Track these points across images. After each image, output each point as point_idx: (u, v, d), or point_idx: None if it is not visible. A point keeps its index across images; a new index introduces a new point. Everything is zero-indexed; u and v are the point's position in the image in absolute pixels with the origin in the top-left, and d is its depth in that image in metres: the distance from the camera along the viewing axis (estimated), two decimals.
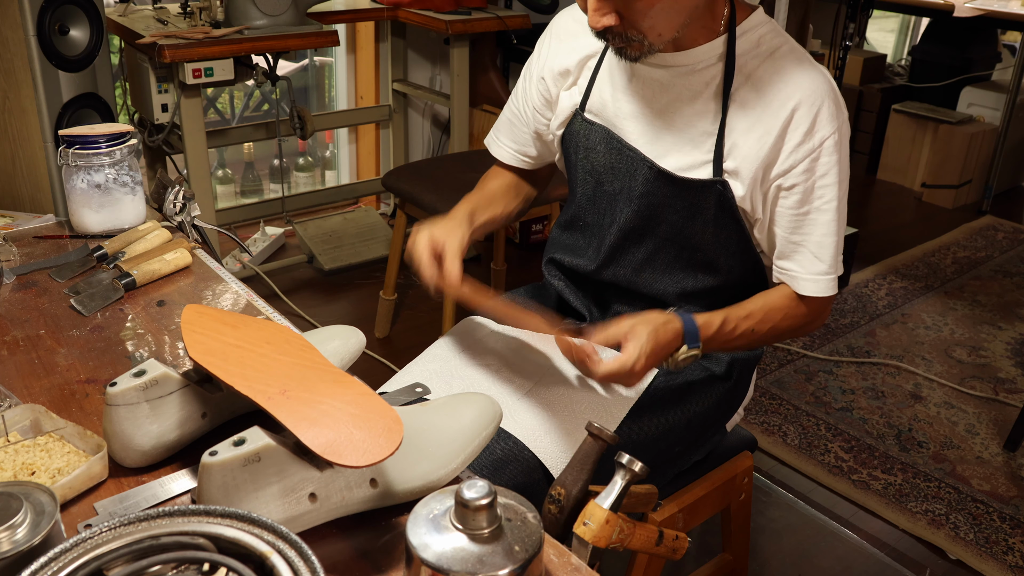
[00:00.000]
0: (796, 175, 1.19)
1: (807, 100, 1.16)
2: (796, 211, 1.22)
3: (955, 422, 2.50)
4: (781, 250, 1.26)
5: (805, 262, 1.24)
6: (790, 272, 1.26)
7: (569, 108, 1.34)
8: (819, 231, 1.22)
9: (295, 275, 3.22)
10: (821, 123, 1.17)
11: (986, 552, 2.02)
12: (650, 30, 1.11)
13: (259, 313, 1.23)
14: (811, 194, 1.20)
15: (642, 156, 1.25)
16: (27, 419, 0.92)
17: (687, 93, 1.22)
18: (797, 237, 1.24)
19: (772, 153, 1.19)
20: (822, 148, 1.18)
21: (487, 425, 0.90)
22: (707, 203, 1.24)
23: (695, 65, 1.21)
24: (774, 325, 1.27)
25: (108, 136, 1.35)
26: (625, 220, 1.29)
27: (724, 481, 1.46)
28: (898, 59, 5.62)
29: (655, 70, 1.23)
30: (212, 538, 0.66)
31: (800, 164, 1.18)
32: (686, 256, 1.30)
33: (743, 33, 1.20)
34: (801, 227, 1.23)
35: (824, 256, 1.24)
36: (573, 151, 1.35)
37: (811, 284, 1.25)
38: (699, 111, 1.22)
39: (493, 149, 1.48)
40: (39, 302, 1.22)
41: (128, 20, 2.63)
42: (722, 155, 1.21)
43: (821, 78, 1.18)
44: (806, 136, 1.17)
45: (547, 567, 0.79)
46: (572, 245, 1.42)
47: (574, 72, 1.33)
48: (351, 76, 3.66)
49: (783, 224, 1.24)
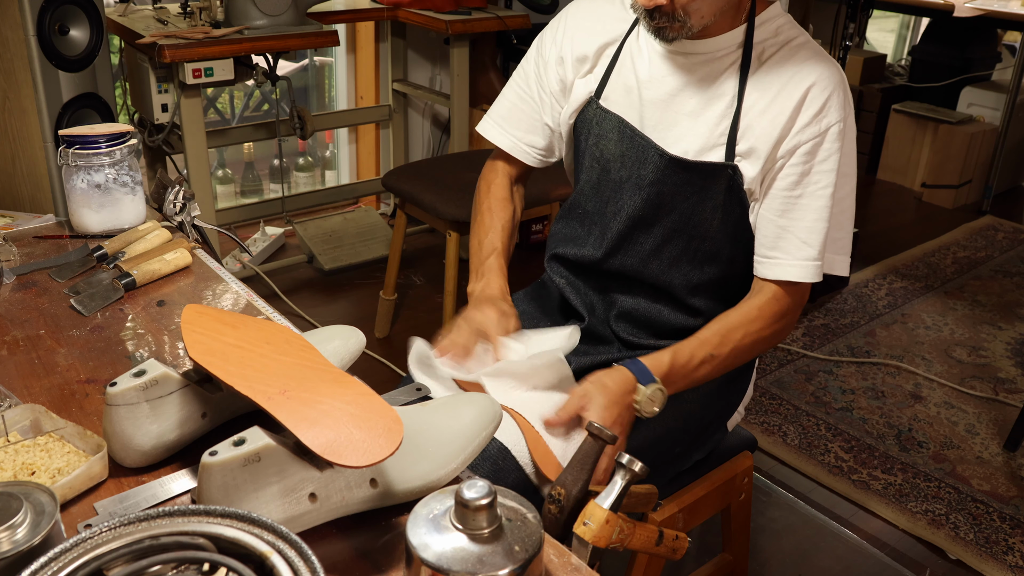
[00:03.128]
0: (798, 156, 1.21)
1: (820, 84, 1.20)
2: (789, 193, 1.22)
3: (955, 422, 2.50)
4: (767, 236, 1.25)
5: (792, 248, 1.24)
6: (774, 259, 1.25)
7: (584, 95, 1.34)
8: (810, 217, 1.22)
9: (295, 275, 3.22)
10: (830, 109, 1.20)
11: (986, 552, 2.02)
12: (695, 12, 1.16)
13: (259, 313, 1.23)
14: (807, 177, 1.21)
15: (654, 144, 1.26)
16: (27, 419, 0.92)
17: (705, 79, 1.25)
18: (784, 221, 1.23)
19: (784, 131, 1.21)
20: (827, 134, 1.20)
21: (487, 425, 0.90)
22: (717, 187, 1.25)
23: (715, 52, 1.24)
24: (735, 346, 1.26)
25: (108, 136, 1.35)
26: (634, 208, 1.30)
27: (724, 481, 1.46)
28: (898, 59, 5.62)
29: (676, 57, 1.26)
30: (212, 538, 0.66)
31: (804, 145, 1.20)
32: (694, 247, 1.30)
33: (762, 23, 1.24)
34: (791, 210, 1.23)
35: (813, 242, 1.23)
36: (584, 138, 1.35)
37: (795, 268, 1.24)
38: (717, 95, 1.24)
39: (492, 135, 1.43)
40: (39, 302, 1.22)
41: (128, 20, 2.63)
42: (735, 138, 1.23)
43: (835, 68, 1.22)
44: (815, 118, 1.20)
45: (547, 567, 0.79)
46: (572, 235, 1.41)
47: (591, 59, 1.34)
48: (351, 76, 3.66)
49: (773, 206, 1.24)
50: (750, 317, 1.26)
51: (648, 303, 1.35)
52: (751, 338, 1.26)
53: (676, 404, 1.31)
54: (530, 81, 1.40)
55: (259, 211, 3.35)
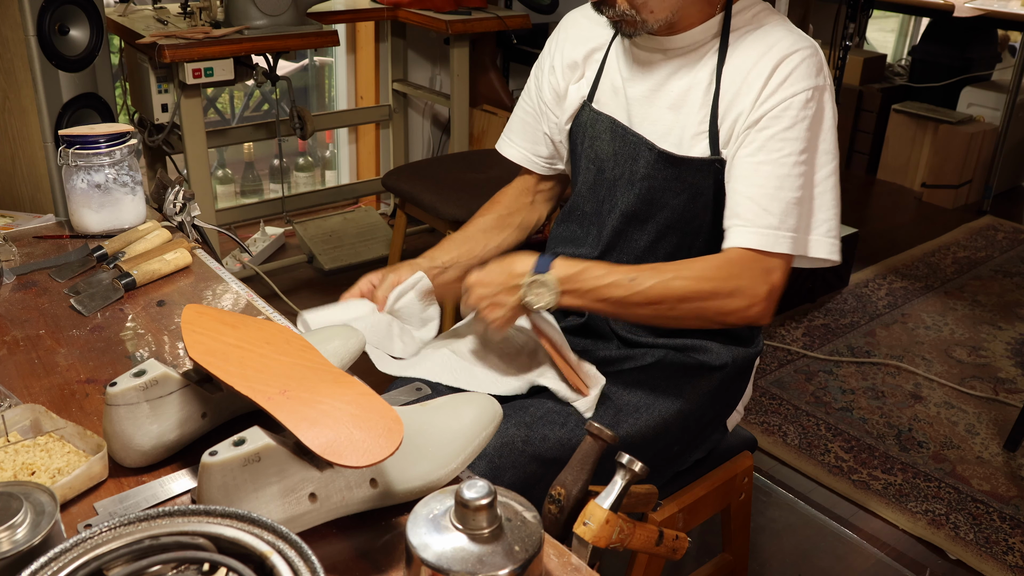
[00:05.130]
0: (763, 122, 1.18)
1: (789, 54, 1.19)
2: (752, 159, 1.18)
3: (955, 422, 2.50)
4: (731, 206, 1.19)
5: (750, 215, 1.17)
6: (732, 226, 1.19)
7: (577, 100, 1.37)
8: (771, 184, 1.16)
9: (295, 275, 3.22)
10: (797, 76, 1.18)
11: (986, 552, 2.02)
12: (643, 6, 1.19)
13: (259, 313, 1.23)
14: (769, 143, 1.17)
15: (643, 139, 1.28)
16: (27, 419, 0.92)
17: (686, 72, 1.26)
18: (746, 188, 1.18)
19: (753, 102, 1.20)
20: (792, 100, 1.18)
21: (487, 425, 0.90)
22: (706, 183, 1.25)
23: (692, 45, 1.25)
24: (661, 281, 1.15)
25: (108, 136, 1.35)
26: (627, 204, 1.31)
27: (724, 481, 1.46)
28: (898, 59, 5.62)
29: (654, 54, 1.28)
30: (212, 538, 0.66)
31: (770, 112, 1.18)
32: (688, 243, 1.31)
33: (738, 12, 1.25)
34: (752, 177, 1.17)
35: (774, 210, 1.16)
36: (580, 142, 1.38)
37: (751, 234, 1.16)
38: (695, 85, 1.25)
39: (504, 149, 1.51)
40: (39, 302, 1.22)
41: (128, 20, 2.63)
42: (717, 124, 1.23)
43: (807, 42, 1.21)
44: (780, 86, 1.19)
45: (547, 567, 0.79)
46: (571, 236, 1.43)
47: (581, 65, 1.38)
48: (351, 76, 3.66)
49: (737, 174, 1.19)
50: (692, 265, 1.19)
51: None
52: (683, 283, 1.16)
53: (675, 403, 1.32)
54: (531, 94, 1.46)
55: (259, 211, 3.35)
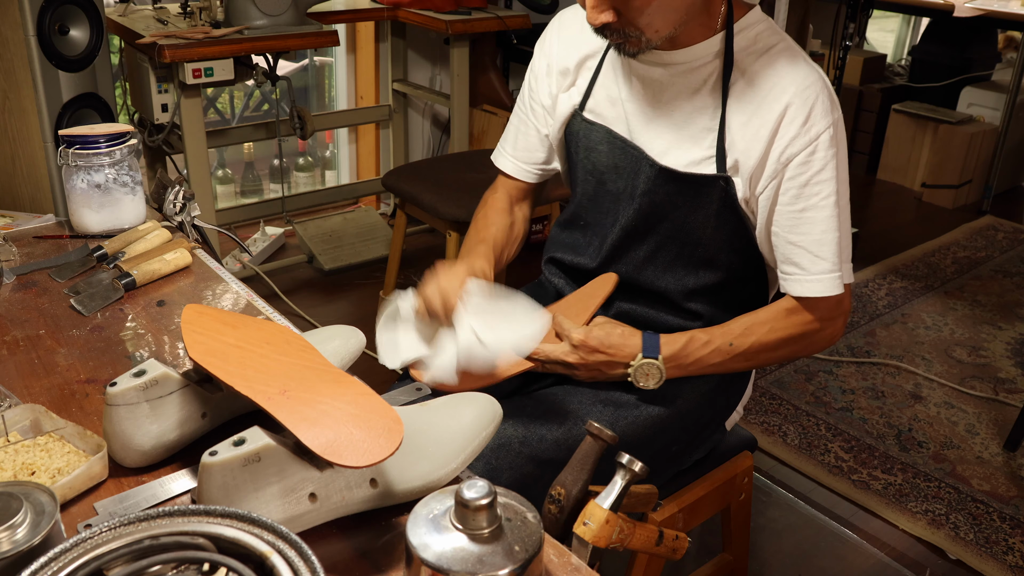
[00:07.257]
0: (792, 170, 1.18)
1: (800, 95, 1.16)
2: (792, 208, 1.20)
3: (955, 422, 2.50)
4: (781, 253, 1.24)
5: (805, 262, 1.22)
6: (792, 276, 1.24)
7: (568, 109, 1.34)
8: (818, 229, 1.20)
9: (295, 275, 3.22)
10: (815, 118, 1.17)
11: (986, 552, 2.02)
12: (647, 27, 1.12)
13: (259, 313, 1.23)
14: (806, 189, 1.19)
15: (644, 154, 1.26)
16: (27, 419, 0.92)
17: (686, 90, 1.23)
18: (795, 237, 1.21)
19: (767, 146, 1.18)
20: (818, 143, 1.17)
21: (487, 425, 0.90)
22: (710, 198, 1.24)
23: (693, 63, 1.22)
24: (758, 339, 1.25)
25: (108, 136, 1.35)
26: (628, 219, 1.30)
27: (724, 481, 1.46)
28: (898, 59, 5.62)
29: (654, 68, 1.24)
30: (212, 538, 0.66)
31: (796, 157, 1.18)
32: (687, 252, 1.30)
33: (740, 30, 1.21)
34: (798, 226, 1.21)
35: (825, 254, 1.21)
36: (574, 151, 1.36)
37: (814, 284, 1.23)
38: (698, 107, 1.23)
39: (498, 160, 1.47)
40: (39, 302, 1.22)
41: (128, 20, 2.63)
42: (724, 150, 1.21)
43: (815, 75, 1.18)
44: (802, 129, 1.17)
45: (547, 567, 0.79)
46: (572, 244, 1.42)
47: (572, 73, 1.34)
48: (351, 76, 3.66)
49: (781, 223, 1.22)
50: (777, 315, 1.26)
51: (645, 308, 1.36)
52: (777, 334, 1.25)
53: (674, 402, 1.31)
54: (525, 98, 1.42)
55: (259, 211, 3.36)
